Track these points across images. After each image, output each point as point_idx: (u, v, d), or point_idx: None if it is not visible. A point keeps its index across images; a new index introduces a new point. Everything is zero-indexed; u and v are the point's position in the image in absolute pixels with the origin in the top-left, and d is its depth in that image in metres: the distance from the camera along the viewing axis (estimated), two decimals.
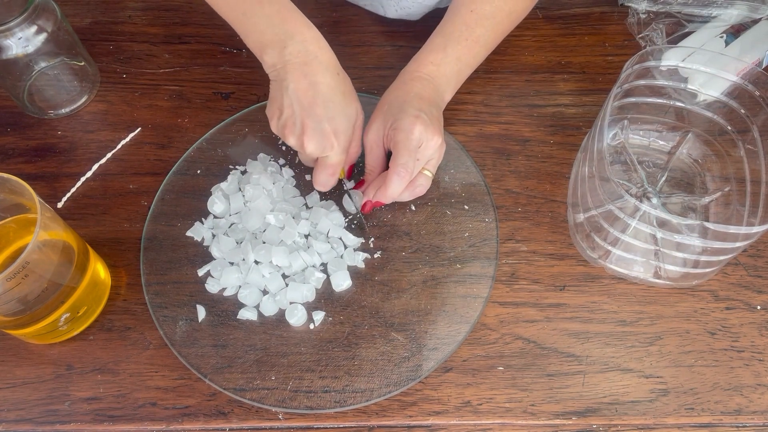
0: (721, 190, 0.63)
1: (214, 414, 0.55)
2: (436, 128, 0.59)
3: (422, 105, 0.60)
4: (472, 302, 0.59)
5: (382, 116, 0.61)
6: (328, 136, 0.57)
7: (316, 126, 0.57)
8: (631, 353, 0.57)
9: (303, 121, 0.57)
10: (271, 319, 0.59)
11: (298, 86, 0.57)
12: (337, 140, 0.58)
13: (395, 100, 0.61)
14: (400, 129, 0.59)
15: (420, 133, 0.58)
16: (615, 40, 0.76)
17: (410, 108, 0.59)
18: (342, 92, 0.59)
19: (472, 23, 0.63)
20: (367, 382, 0.56)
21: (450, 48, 0.63)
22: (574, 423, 0.55)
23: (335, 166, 0.60)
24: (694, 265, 0.56)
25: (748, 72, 0.60)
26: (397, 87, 0.63)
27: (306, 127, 0.57)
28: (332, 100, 0.58)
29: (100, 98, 0.73)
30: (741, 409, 0.55)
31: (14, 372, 0.57)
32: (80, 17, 0.79)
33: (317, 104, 0.57)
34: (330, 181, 0.61)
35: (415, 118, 0.58)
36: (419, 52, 0.64)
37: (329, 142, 0.58)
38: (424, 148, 0.59)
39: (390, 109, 0.60)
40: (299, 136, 0.58)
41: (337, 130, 0.58)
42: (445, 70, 0.63)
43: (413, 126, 0.58)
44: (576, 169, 0.64)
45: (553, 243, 0.63)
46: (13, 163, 0.68)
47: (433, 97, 0.62)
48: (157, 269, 0.61)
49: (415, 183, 0.61)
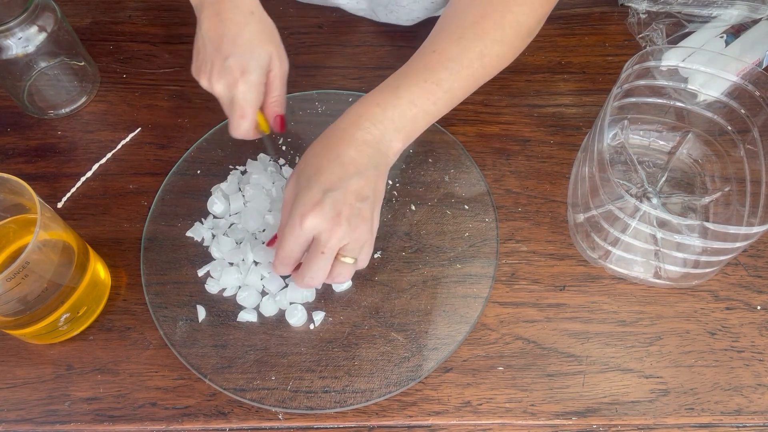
0: (721, 190, 0.63)
1: (214, 414, 0.55)
2: (340, 216, 0.50)
3: (338, 178, 0.50)
4: (472, 302, 0.59)
5: (296, 178, 0.53)
6: (233, 72, 0.55)
7: (222, 63, 0.55)
8: (631, 353, 0.57)
9: (212, 60, 0.56)
10: (271, 319, 0.59)
11: (210, 24, 0.56)
12: (243, 78, 0.55)
13: (312, 161, 0.52)
14: (291, 218, 0.51)
15: (312, 227, 0.50)
16: (615, 40, 0.76)
17: (316, 186, 0.50)
18: (256, 31, 0.57)
19: (434, 65, 0.54)
20: (367, 382, 0.56)
21: (403, 89, 0.53)
22: (574, 423, 0.55)
23: (243, 108, 0.56)
24: (694, 265, 0.56)
25: (749, 72, 0.60)
26: (326, 138, 0.53)
27: (214, 65, 0.56)
28: (240, 36, 0.56)
29: (100, 98, 0.73)
30: (741, 409, 0.55)
31: (14, 372, 0.57)
32: (80, 17, 0.79)
33: (226, 41, 0.56)
34: (240, 125, 0.56)
35: (312, 206, 0.50)
36: (369, 93, 0.55)
37: (233, 79, 0.55)
38: (323, 241, 0.50)
39: (302, 175, 0.52)
40: (209, 77, 0.56)
41: (244, 67, 0.55)
42: (392, 114, 0.53)
43: (303, 218, 0.50)
44: (576, 169, 0.64)
45: (553, 243, 0.63)
46: (13, 163, 0.68)
47: (367, 156, 0.52)
48: (157, 269, 0.61)
49: (333, 272, 0.52)
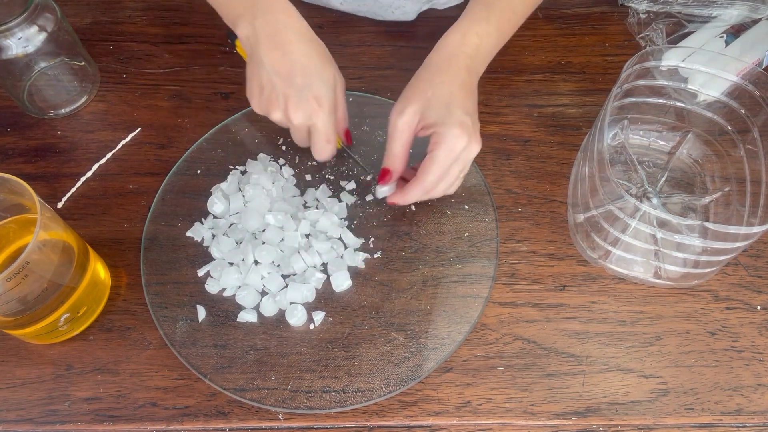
0: (721, 190, 0.63)
1: (214, 414, 0.55)
2: (477, 134, 0.57)
3: (467, 103, 0.58)
4: (472, 302, 0.59)
5: (422, 105, 0.57)
6: (311, 102, 0.57)
7: (299, 95, 0.57)
8: (631, 353, 0.57)
9: (285, 93, 0.57)
10: (271, 319, 0.59)
11: (273, 58, 0.56)
12: (321, 105, 0.57)
13: (440, 89, 0.57)
14: (443, 140, 0.56)
15: (463, 147, 0.56)
16: (615, 40, 0.76)
17: (457, 110, 0.56)
18: (318, 57, 0.58)
19: None
20: (367, 382, 0.56)
21: (493, 18, 0.60)
22: (574, 423, 0.55)
23: (327, 132, 0.59)
24: (694, 265, 0.56)
25: (748, 72, 0.60)
26: (441, 68, 0.59)
27: (289, 98, 0.57)
28: (308, 66, 0.57)
29: (100, 98, 0.73)
30: (741, 409, 0.55)
31: (14, 372, 0.57)
32: (80, 17, 0.79)
33: (295, 73, 0.56)
34: (327, 149, 0.60)
35: (461, 128, 0.56)
36: (460, 21, 0.61)
37: (314, 109, 0.57)
38: (463, 159, 0.57)
39: (434, 103, 0.57)
40: (284, 110, 0.57)
41: (319, 95, 0.57)
42: (488, 43, 0.60)
43: (458, 140, 0.56)
44: (576, 169, 0.64)
45: (553, 243, 0.63)
46: (13, 163, 0.68)
47: (474, 83, 0.59)
48: (157, 269, 0.61)
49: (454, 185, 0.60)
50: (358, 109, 0.70)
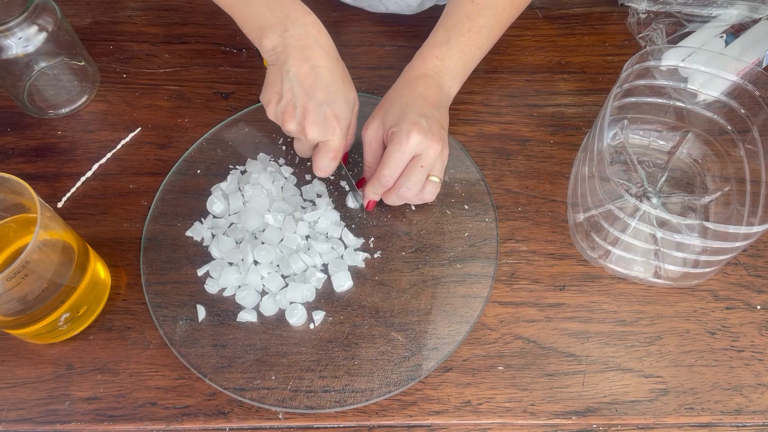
0: (721, 190, 0.63)
1: (214, 414, 0.55)
2: (435, 135, 0.58)
3: (425, 109, 0.59)
4: (472, 302, 0.59)
5: (383, 114, 0.60)
6: (330, 120, 0.57)
7: (318, 110, 0.57)
8: (631, 353, 0.57)
9: (304, 105, 0.57)
10: (271, 319, 0.59)
11: (300, 70, 0.57)
12: (339, 124, 0.58)
13: (398, 100, 0.60)
14: (395, 137, 0.58)
15: (416, 143, 0.57)
16: (615, 40, 0.76)
17: (411, 113, 0.58)
18: (342, 77, 0.59)
19: (474, 14, 0.63)
20: (367, 381, 0.56)
21: (453, 41, 0.62)
22: (574, 423, 0.55)
23: (337, 150, 0.59)
24: (694, 264, 0.56)
25: (748, 72, 0.60)
26: (401, 86, 0.62)
27: (308, 112, 0.57)
28: (333, 84, 0.58)
29: (100, 98, 0.73)
30: (741, 408, 0.55)
31: (14, 372, 0.57)
32: (80, 17, 0.79)
33: (319, 88, 0.57)
34: (331, 166, 0.60)
35: (413, 125, 0.57)
36: (422, 48, 0.63)
37: (331, 126, 0.58)
38: (423, 156, 0.58)
39: (391, 109, 0.60)
40: (300, 121, 0.58)
41: (338, 114, 0.58)
42: (449, 64, 0.62)
43: (409, 135, 0.57)
44: (576, 169, 0.64)
45: (553, 243, 0.63)
46: (13, 163, 0.68)
47: (438, 96, 0.61)
48: (157, 269, 0.61)
49: (424, 190, 0.60)
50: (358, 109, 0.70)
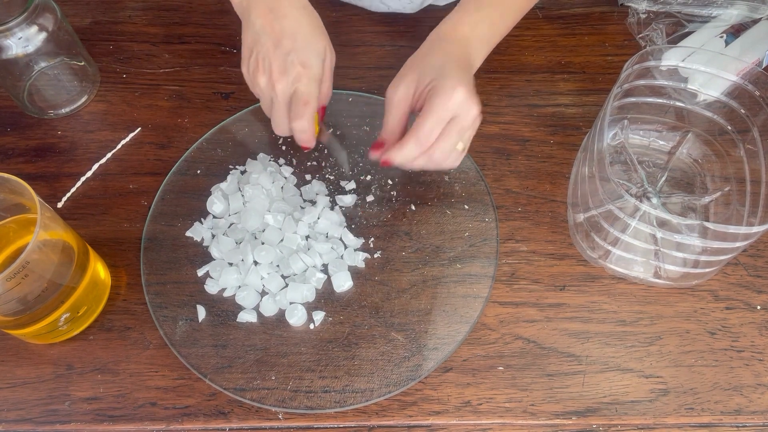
0: (721, 190, 0.63)
1: (214, 414, 0.55)
2: (476, 98, 0.55)
3: (462, 72, 0.56)
4: (472, 302, 0.59)
5: (418, 73, 0.56)
6: (296, 66, 0.56)
7: (284, 58, 0.56)
8: (631, 353, 0.57)
9: (271, 57, 0.56)
10: (271, 319, 0.59)
11: (265, 22, 0.56)
12: (306, 71, 0.56)
13: (433, 61, 0.56)
14: (440, 91, 0.54)
15: (461, 101, 0.53)
16: (615, 40, 0.76)
17: (453, 71, 0.55)
18: (309, 26, 0.58)
19: None
20: (367, 382, 0.56)
21: (484, 11, 0.59)
22: (574, 423, 0.55)
23: (307, 93, 0.56)
24: (694, 265, 0.56)
25: (748, 72, 0.60)
26: (432, 49, 0.58)
27: (274, 63, 0.56)
28: (299, 32, 0.56)
29: (100, 98, 0.73)
30: (741, 408, 0.55)
31: (14, 372, 0.57)
32: (80, 17, 0.79)
33: (284, 38, 0.56)
34: (306, 112, 0.56)
35: (458, 82, 0.54)
36: (452, 14, 0.60)
37: (296, 72, 0.56)
38: (462, 118, 0.54)
39: (428, 69, 0.56)
40: (269, 75, 0.57)
41: (305, 62, 0.56)
42: (479, 33, 0.59)
43: (454, 91, 0.53)
44: (576, 169, 0.64)
45: (553, 243, 0.63)
46: (13, 163, 0.68)
47: (467, 63, 0.58)
48: (157, 269, 0.61)
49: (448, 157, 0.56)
50: (358, 109, 0.70)
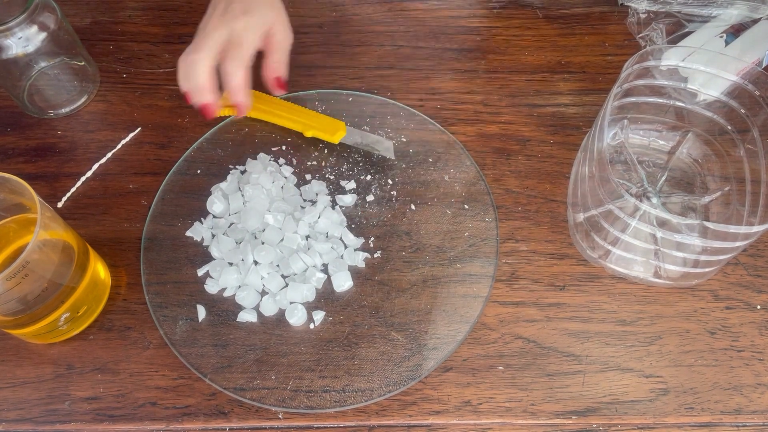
0: (721, 190, 0.63)
1: (214, 414, 0.55)
2: None
3: None
4: (472, 302, 0.59)
5: None
6: (235, 11, 0.57)
7: (227, 7, 0.58)
8: (631, 353, 0.57)
9: (218, 8, 0.59)
10: (271, 318, 0.59)
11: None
12: (245, 17, 0.57)
13: None
14: None
15: None
16: (615, 40, 0.76)
17: None
18: None
19: None
20: (367, 381, 0.56)
21: None
22: (574, 423, 0.55)
23: (239, 38, 0.57)
24: (694, 264, 0.56)
25: (748, 72, 0.60)
26: None
27: (213, 12, 0.59)
28: None
29: (100, 98, 0.73)
30: (741, 408, 0.55)
31: (14, 372, 0.57)
32: (80, 17, 0.79)
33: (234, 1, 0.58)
34: (235, 61, 0.58)
35: None
36: None
37: (233, 16, 0.57)
38: None
39: None
40: (208, 19, 0.59)
41: (247, 10, 0.58)
42: None
43: None
44: (576, 169, 0.64)
45: (553, 243, 0.63)
46: (13, 163, 0.68)
47: None
48: (157, 269, 0.61)
49: None
50: (358, 109, 0.70)
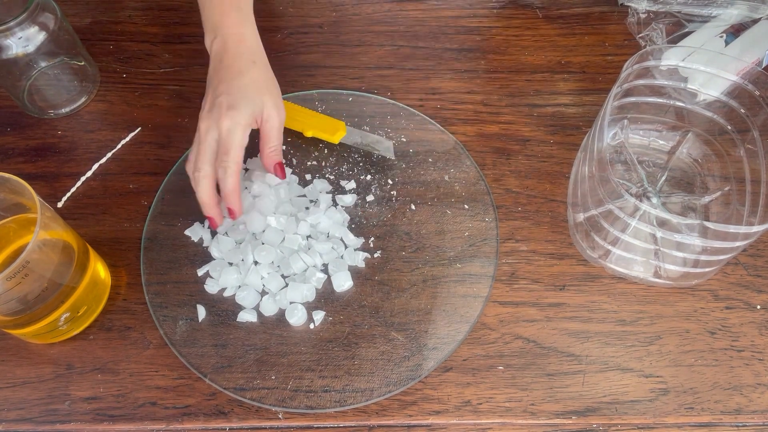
0: (721, 190, 0.63)
1: (214, 413, 0.55)
2: None
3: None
4: (472, 302, 0.59)
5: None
6: (221, 107, 0.57)
7: (214, 101, 0.58)
8: (631, 353, 0.57)
9: (206, 101, 0.59)
10: (271, 318, 0.59)
11: (212, 71, 0.60)
12: (228, 113, 0.56)
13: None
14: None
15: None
16: (615, 40, 0.76)
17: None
18: (252, 79, 0.59)
19: None
20: (367, 381, 0.56)
21: None
22: (574, 422, 0.55)
23: (227, 146, 0.56)
24: (693, 264, 0.56)
25: (748, 72, 0.60)
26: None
27: (204, 107, 0.58)
28: (237, 81, 0.58)
29: (100, 98, 0.73)
30: (741, 408, 0.55)
31: (14, 372, 0.57)
32: (80, 17, 0.79)
33: (221, 85, 0.58)
34: (224, 169, 0.56)
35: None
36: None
37: (219, 113, 0.57)
38: None
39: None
40: (199, 117, 0.58)
41: (233, 105, 0.57)
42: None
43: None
44: (576, 169, 0.64)
45: (553, 243, 0.63)
46: (13, 162, 0.68)
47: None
48: (157, 269, 0.61)
49: None
50: (358, 109, 0.70)
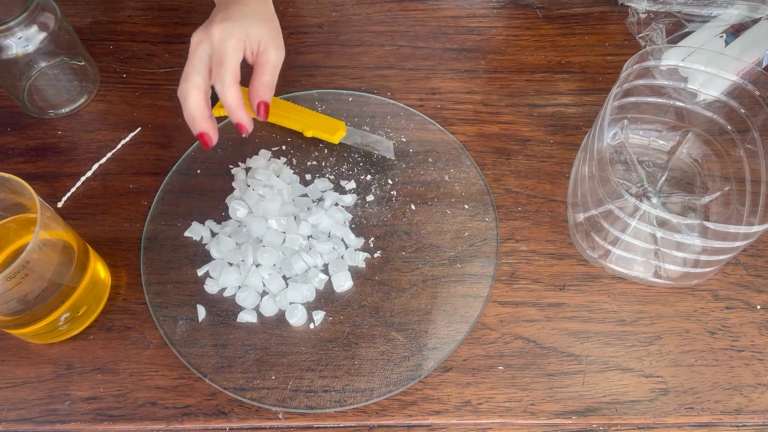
0: (721, 190, 0.63)
1: (214, 413, 0.55)
2: None
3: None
4: (472, 302, 0.59)
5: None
6: (213, 21, 0.55)
7: (212, 18, 0.56)
8: (631, 353, 0.57)
9: None
10: (271, 318, 0.59)
11: (219, 3, 0.58)
12: (223, 23, 0.55)
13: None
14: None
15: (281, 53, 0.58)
16: (615, 40, 0.76)
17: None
18: (253, 10, 0.57)
19: None
20: (367, 381, 0.56)
21: None
22: (574, 422, 0.55)
23: (221, 56, 0.54)
24: (693, 264, 0.56)
25: (748, 72, 0.60)
26: None
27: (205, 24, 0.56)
28: (235, 5, 0.56)
29: (100, 98, 0.73)
30: (741, 408, 0.55)
31: (14, 372, 0.57)
32: (80, 17, 0.79)
33: (221, 10, 0.56)
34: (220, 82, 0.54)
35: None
36: None
37: (212, 25, 0.55)
38: None
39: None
40: None
41: (227, 17, 0.55)
42: None
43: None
44: (576, 169, 0.64)
45: (553, 243, 0.63)
46: (13, 162, 0.68)
47: None
48: (157, 269, 0.61)
49: None
50: (358, 109, 0.70)
